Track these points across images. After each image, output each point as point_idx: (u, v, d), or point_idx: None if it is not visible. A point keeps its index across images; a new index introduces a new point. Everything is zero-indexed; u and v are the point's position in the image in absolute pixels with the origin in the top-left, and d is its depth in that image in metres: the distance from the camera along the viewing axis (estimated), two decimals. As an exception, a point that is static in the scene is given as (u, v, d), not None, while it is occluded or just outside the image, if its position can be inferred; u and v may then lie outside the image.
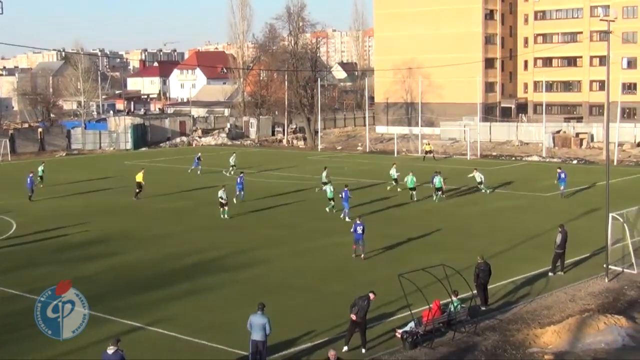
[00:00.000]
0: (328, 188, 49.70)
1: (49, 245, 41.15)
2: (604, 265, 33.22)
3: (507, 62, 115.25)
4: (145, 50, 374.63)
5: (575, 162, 77.19)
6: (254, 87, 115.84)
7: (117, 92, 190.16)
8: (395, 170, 58.34)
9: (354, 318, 24.59)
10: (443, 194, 54.18)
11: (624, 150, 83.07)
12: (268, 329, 22.74)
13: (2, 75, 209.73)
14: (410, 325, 25.57)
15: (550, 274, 33.50)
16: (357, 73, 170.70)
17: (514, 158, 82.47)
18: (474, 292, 28.71)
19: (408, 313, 26.26)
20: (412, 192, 54.49)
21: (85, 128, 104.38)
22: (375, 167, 73.90)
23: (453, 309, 26.51)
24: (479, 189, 57.16)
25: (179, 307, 29.41)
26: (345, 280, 32.57)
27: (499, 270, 31.83)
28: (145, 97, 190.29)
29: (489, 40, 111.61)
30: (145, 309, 28.92)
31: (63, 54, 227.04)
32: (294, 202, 54.11)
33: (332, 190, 49.35)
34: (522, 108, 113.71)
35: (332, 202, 49.03)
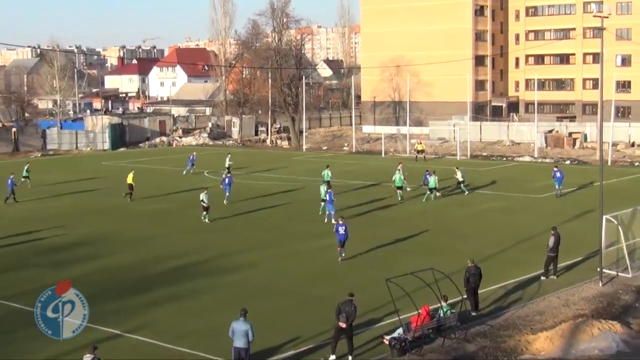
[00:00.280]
0: (322, 188, 49.67)
1: (28, 249, 41.02)
2: (598, 269, 33.33)
3: (497, 59, 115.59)
4: (124, 47, 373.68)
5: (568, 162, 77.45)
6: (237, 85, 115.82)
7: (94, 90, 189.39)
8: (403, 171, 59.07)
9: (344, 326, 24.52)
10: (438, 192, 55.11)
11: (618, 151, 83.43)
12: (251, 336, 22.72)
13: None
14: (399, 332, 25.60)
15: (543, 278, 33.62)
16: (343, 71, 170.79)
17: (505, 158, 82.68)
18: (464, 297, 28.77)
19: (396, 319, 26.31)
20: (399, 191, 55.29)
21: (61, 128, 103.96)
22: (362, 167, 73.99)
23: (442, 315, 26.55)
24: (460, 189, 57.58)
25: (161, 312, 29.37)
26: (332, 284, 32.60)
27: (490, 274, 31.93)
28: (124, 95, 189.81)
29: (479, 37, 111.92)
30: (125, 315, 28.86)
31: (38, 51, 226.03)
32: (279, 204, 54.08)
33: (326, 191, 49.42)
34: (513, 107, 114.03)
35: (323, 203, 49.18)
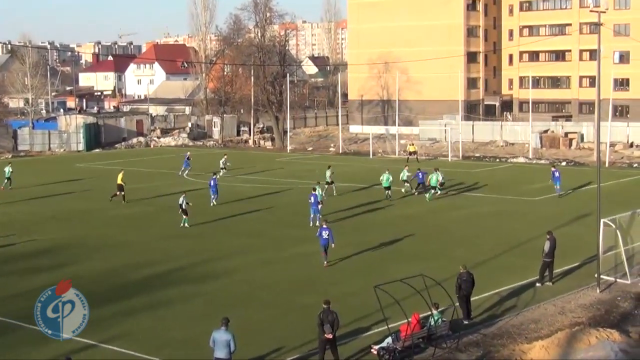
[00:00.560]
0: (319, 190, 49.58)
1: (-8, 256, 40.77)
2: (596, 275, 33.37)
3: (490, 56, 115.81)
4: (99, 43, 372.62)
5: (564, 163, 77.60)
6: (218, 83, 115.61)
7: (68, 88, 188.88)
8: (407, 171, 59.82)
9: (330, 336, 24.44)
10: (442, 186, 56.99)
11: (616, 151, 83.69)
12: (233, 346, 22.61)
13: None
14: (388, 341, 25.55)
15: (538, 285, 33.62)
16: (329, 68, 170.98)
17: (499, 160, 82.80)
18: (456, 304, 28.75)
19: (385, 328, 26.23)
20: (387, 191, 55.91)
21: (33, 128, 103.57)
22: (349, 169, 73.98)
23: (433, 323, 26.51)
24: (436, 190, 57.66)
25: (137, 322, 29.21)
26: (317, 292, 32.45)
27: (483, 281, 31.91)
28: (99, 93, 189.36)
29: (471, 33, 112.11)
30: (100, 325, 28.62)
31: (9, 47, 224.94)
32: (261, 208, 53.97)
33: (321, 193, 49.36)
34: (506, 106, 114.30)
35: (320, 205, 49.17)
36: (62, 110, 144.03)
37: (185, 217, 47.34)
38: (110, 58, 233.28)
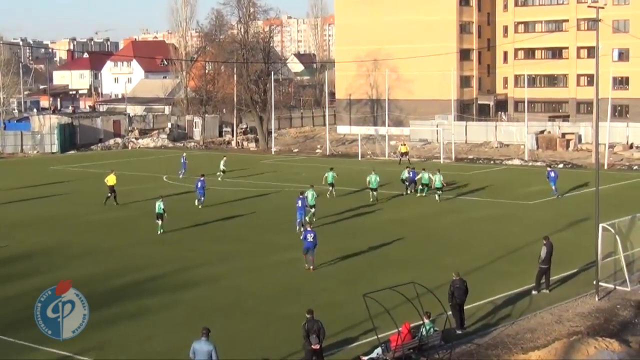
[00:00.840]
0: (309, 193, 49.58)
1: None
2: (594, 282, 33.45)
3: (484, 53, 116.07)
4: (74, 40, 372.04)
5: (562, 165, 77.73)
6: (199, 81, 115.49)
7: (41, 87, 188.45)
8: (407, 172, 60.66)
9: (317, 347, 24.48)
10: (445, 185, 58.05)
11: (615, 153, 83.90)
12: (215, 357, 22.58)
13: None
14: (377, 352, 25.56)
15: (534, 292, 33.68)
16: (315, 66, 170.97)
17: (493, 162, 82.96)
18: (449, 313, 28.77)
19: (374, 338, 26.22)
20: (373, 192, 56.69)
21: (5, 128, 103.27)
22: (337, 172, 73.79)
23: (425, 333, 26.52)
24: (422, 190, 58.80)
25: (113, 332, 29.10)
26: (302, 301, 32.39)
27: (477, 289, 31.94)
28: (74, 92, 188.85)
29: (464, 29, 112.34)
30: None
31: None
32: (245, 212, 53.93)
33: (314, 196, 49.36)
34: (501, 105, 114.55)
35: (312, 209, 49.16)
36: (35, 110, 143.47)
37: (160, 222, 47.03)
38: (86, 55, 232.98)
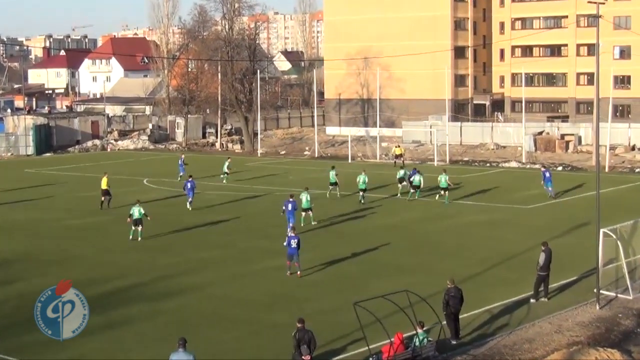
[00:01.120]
0: (304, 196, 49.66)
1: None
2: (595, 290, 33.50)
3: (480, 51, 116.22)
4: (50, 37, 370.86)
5: (561, 168, 77.91)
6: (181, 80, 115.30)
7: (16, 86, 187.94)
8: (404, 172, 61.47)
9: (308, 358, 24.54)
10: (451, 185, 59.06)
11: (617, 155, 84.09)
12: (196, 368, 22.59)
13: None
14: (368, 363, 25.55)
15: (533, 301, 33.71)
16: (303, 64, 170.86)
17: (489, 164, 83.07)
18: (443, 322, 28.77)
19: (365, 348, 26.23)
20: (362, 193, 57.29)
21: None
22: (326, 175, 73.71)
23: (418, 343, 26.51)
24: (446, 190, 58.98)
25: (91, 344, 28.96)
26: (291, 310, 32.42)
27: (473, 297, 31.97)
28: (50, 92, 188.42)
29: (459, 26, 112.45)
30: (49, 347, 28.42)
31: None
32: (230, 217, 53.89)
33: (308, 200, 49.34)
34: (497, 105, 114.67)
35: (309, 212, 49.18)
36: (9, 111, 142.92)
37: (134, 228, 46.74)
38: (63, 53, 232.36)
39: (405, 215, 53.99)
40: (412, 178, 59.92)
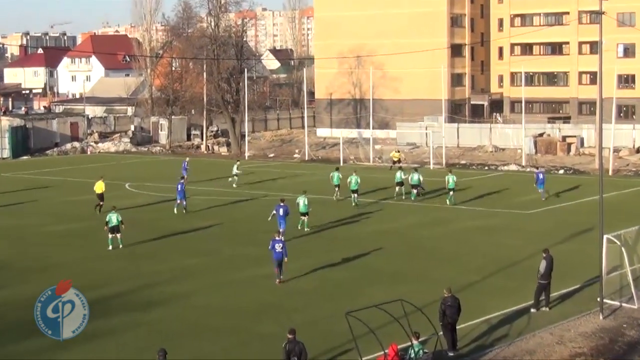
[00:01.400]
0: (301, 200, 49.72)
1: None
2: (598, 299, 33.50)
3: (478, 49, 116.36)
4: (27, 34, 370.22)
5: (562, 171, 78.03)
6: (165, 79, 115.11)
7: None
8: (402, 174, 61.72)
9: (300, 370, 24.60)
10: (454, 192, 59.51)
11: (621, 158, 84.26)
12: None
13: None
14: (361, 376, 25.55)
15: (533, 310, 33.74)
16: (293, 62, 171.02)
17: (487, 167, 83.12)
18: (440, 333, 28.79)
19: (358, 360, 26.26)
20: (354, 194, 57.98)
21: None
22: (317, 178, 73.89)
23: (414, 355, 26.50)
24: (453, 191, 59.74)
25: (70, 355, 28.90)
26: (280, 319, 32.43)
27: (471, 306, 31.97)
28: (27, 92, 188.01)
29: (456, 22, 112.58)
30: (26, 359, 28.46)
31: None
32: (215, 223, 53.87)
33: (306, 204, 49.37)
34: (496, 106, 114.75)
35: (305, 217, 49.25)
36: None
37: (111, 236, 46.40)
38: (41, 51, 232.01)
39: (401, 221, 53.99)
40: (410, 177, 60.68)
